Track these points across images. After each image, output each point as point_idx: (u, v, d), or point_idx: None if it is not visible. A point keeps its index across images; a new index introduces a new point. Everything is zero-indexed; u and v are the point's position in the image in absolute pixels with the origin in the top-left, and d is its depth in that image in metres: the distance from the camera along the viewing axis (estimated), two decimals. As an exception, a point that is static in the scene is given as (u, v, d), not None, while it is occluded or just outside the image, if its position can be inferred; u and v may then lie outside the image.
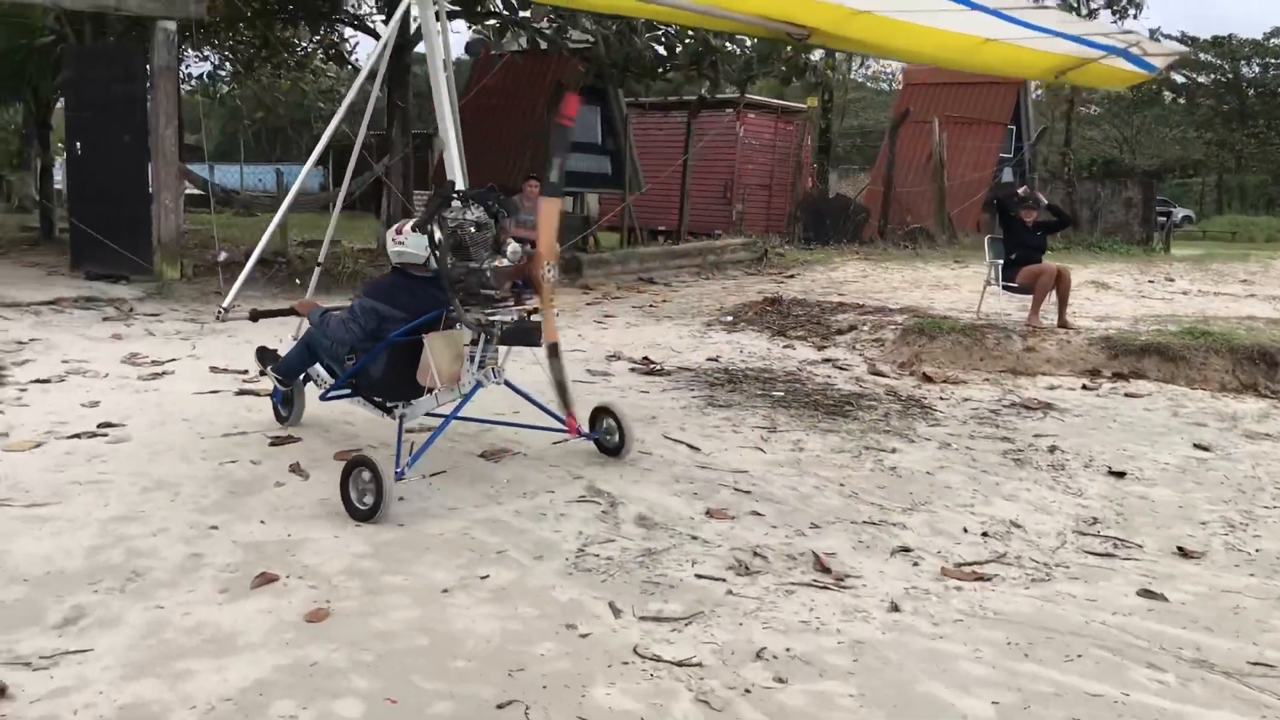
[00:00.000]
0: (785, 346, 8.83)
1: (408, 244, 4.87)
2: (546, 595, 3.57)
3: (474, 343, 4.72)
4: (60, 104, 15.49)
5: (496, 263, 4.63)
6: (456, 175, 5.40)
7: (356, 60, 20.06)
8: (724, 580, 3.77)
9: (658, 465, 5.19)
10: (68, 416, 5.75)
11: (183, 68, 22.50)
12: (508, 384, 5.04)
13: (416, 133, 20.21)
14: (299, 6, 15.99)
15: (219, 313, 5.86)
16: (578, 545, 4.05)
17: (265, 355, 5.91)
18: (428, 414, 5.04)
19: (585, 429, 5.27)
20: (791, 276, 14.24)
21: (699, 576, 3.79)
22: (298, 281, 11.52)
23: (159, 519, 4.15)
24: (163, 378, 6.94)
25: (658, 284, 13.51)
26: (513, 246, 4.75)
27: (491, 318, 4.63)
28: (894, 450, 5.68)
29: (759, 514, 4.53)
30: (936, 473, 5.30)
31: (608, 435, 5.29)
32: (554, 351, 4.84)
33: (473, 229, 4.56)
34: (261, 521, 4.18)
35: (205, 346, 8.20)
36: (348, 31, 19.14)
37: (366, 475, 4.24)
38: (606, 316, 10.59)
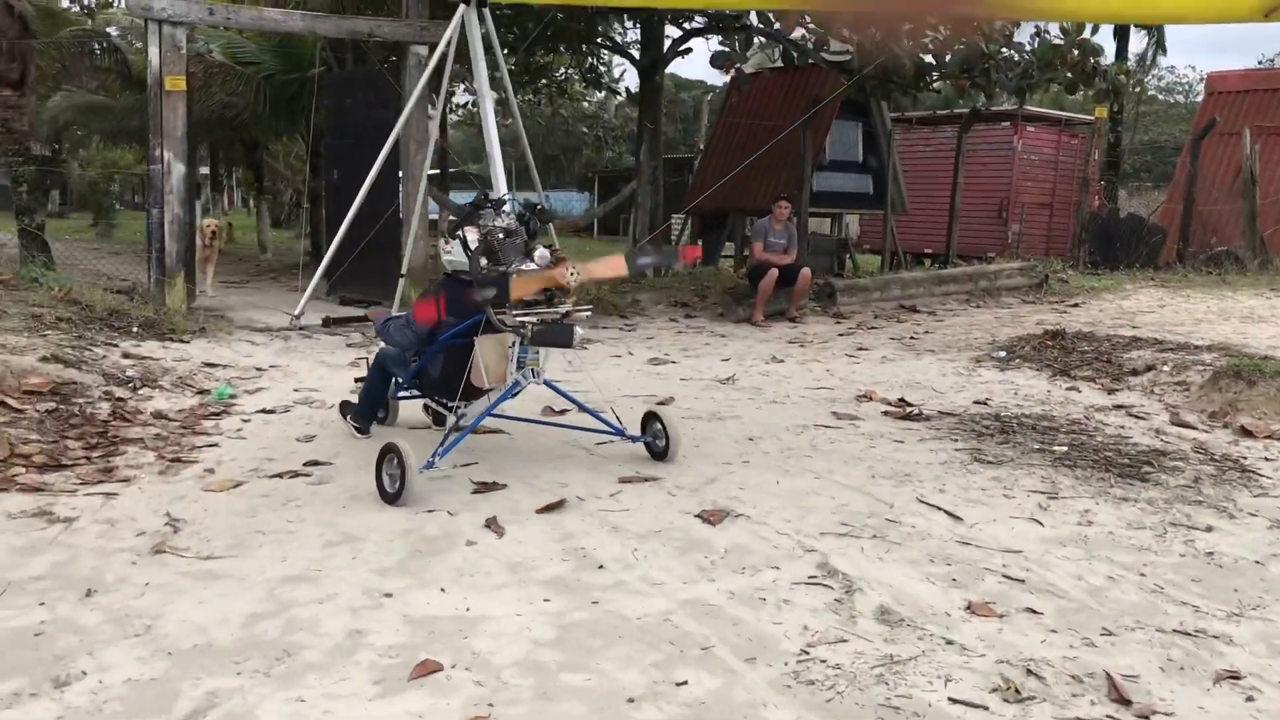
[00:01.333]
0: (1068, 389, 7.71)
1: (454, 252, 5.13)
2: (754, 717, 2.88)
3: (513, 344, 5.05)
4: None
5: (523, 267, 4.86)
6: (499, 183, 6.41)
7: (615, 84, 20.10)
8: (986, 709, 2.96)
9: (908, 538, 4.39)
10: (279, 452, 5.59)
11: (454, 98, 23.43)
12: (548, 384, 5.34)
13: (672, 157, 20.08)
14: (558, 32, 16.10)
15: (291, 320, 6.55)
16: (801, 644, 3.34)
17: (346, 407, 6.17)
18: (493, 414, 5.45)
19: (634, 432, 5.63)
20: (1075, 305, 12.84)
21: (953, 701, 3.00)
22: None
23: (332, 581, 3.77)
24: (384, 410, 6.74)
25: (921, 313, 12.50)
26: (540, 252, 4.97)
27: (521, 319, 4.83)
28: (1209, 529, 4.61)
29: (1034, 612, 3.66)
30: (1269, 562, 4.22)
31: (655, 440, 5.57)
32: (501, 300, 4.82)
33: (501, 235, 4.88)
34: (441, 590, 3.72)
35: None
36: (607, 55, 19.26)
37: (395, 461, 4.68)
38: (860, 349, 9.75)
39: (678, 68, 47.50)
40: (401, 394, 5.94)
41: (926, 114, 20.59)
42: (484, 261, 4.89)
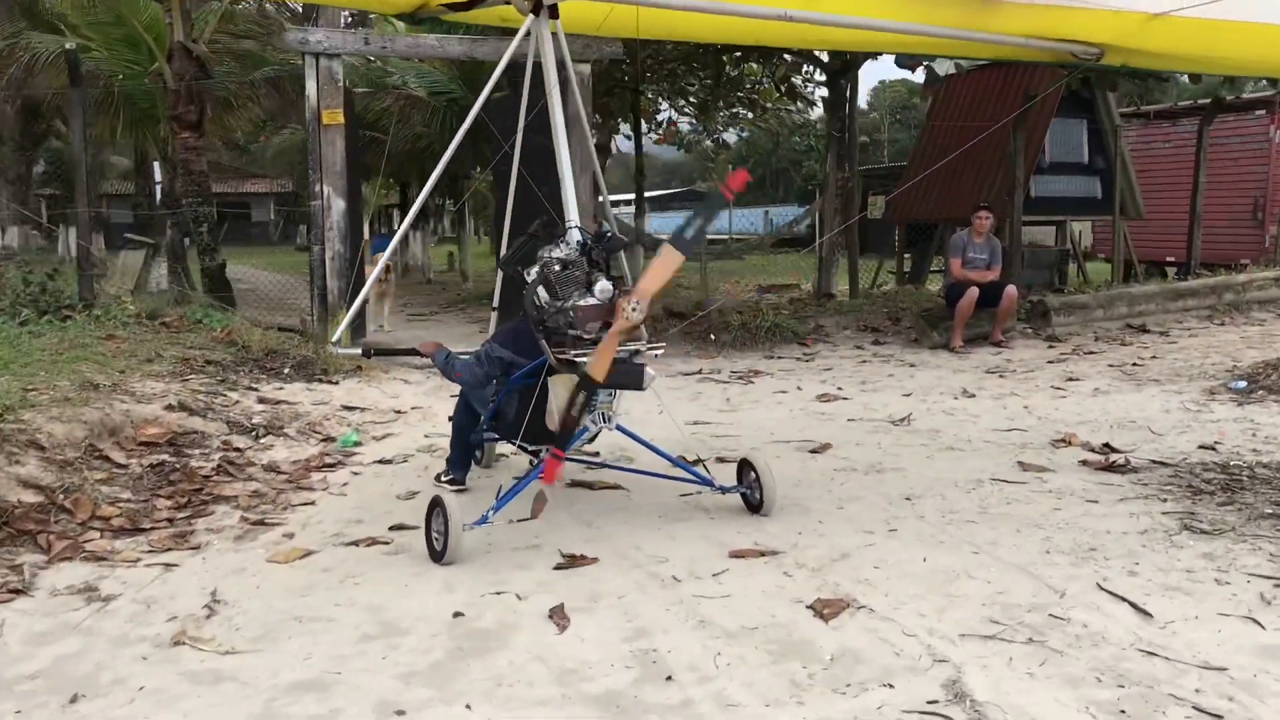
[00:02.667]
0: (1325, 429, 6.42)
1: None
2: None
3: None
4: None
5: (581, 302, 4.50)
6: (570, 209, 5.79)
7: (811, 93, 19.25)
8: None
9: (1075, 644, 3.47)
10: (373, 512, 5.19)
11: (659, 117, 23.19)
12: (620, 429, 4.93)
13: (869, 168, 19.05)
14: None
15: (329, 346, 6.24)
16: (892, 811, 2.55)
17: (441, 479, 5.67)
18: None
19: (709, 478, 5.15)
20: (1346, 320, 11.10)
21: None
22: (712, 338, 10.73)
23: (346, 690, 3.24)
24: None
25: (1151, 333, 11.07)
26: (601, 285, 4.54)
27: (580, 359, 4.46)
28: None
29: (1235, 771, 2.72)
30: None
31: (750, 491, 5.07)
32: (583, 385, 4.37)
33: (558, 266, 4.53)
34: (466, 707, 3.13)
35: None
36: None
37: (440, 516, 4.38)
38: (1069, 380, 8.60)
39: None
40: (485, 437, 5.51)
41: (1165, 107, 18.66)
42: (543, 296, 4.55)
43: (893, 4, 5.35)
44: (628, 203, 50.14)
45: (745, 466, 5.08)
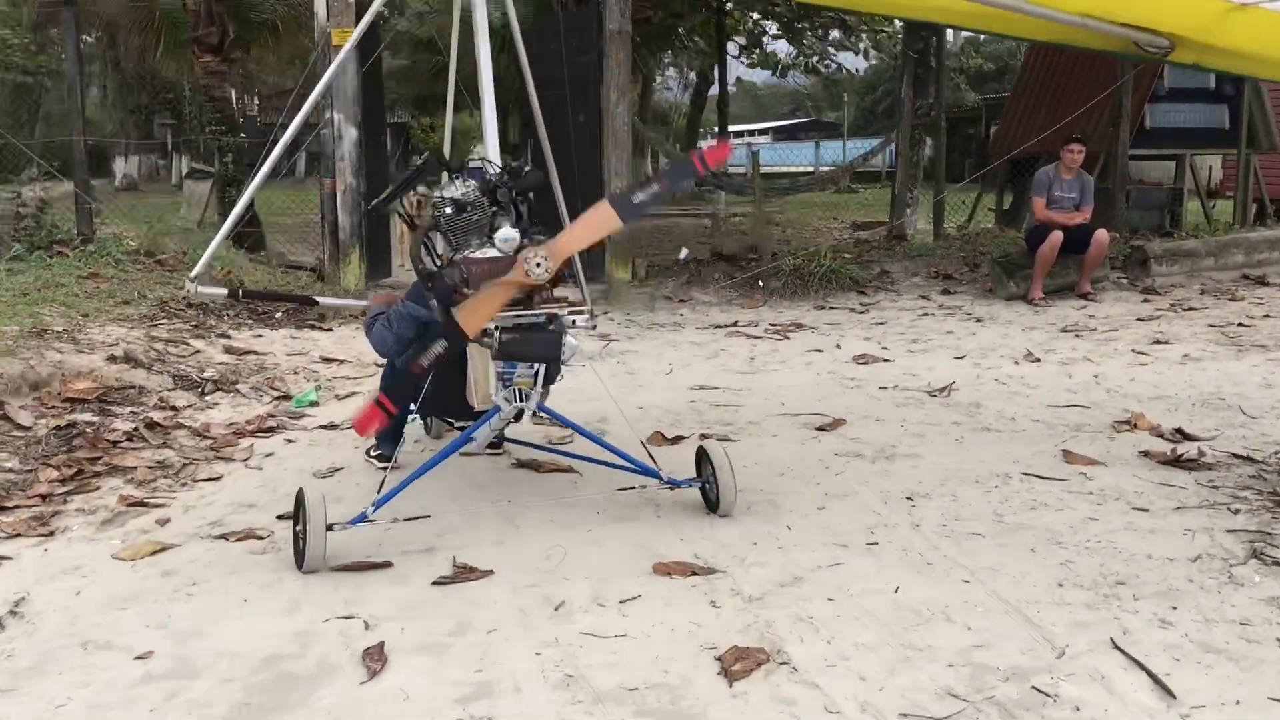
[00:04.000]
0: None
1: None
2: None
3: None
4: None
5: (477, 254, 3.70)
6: (488, 140, 4.56)
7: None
8: None
9: (1054, 740, 2.57)
10: (274, 494, 4.50)
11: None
12: (542, 409, 4.05)
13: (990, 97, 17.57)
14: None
15: (187, 285, 5.10)
16: None
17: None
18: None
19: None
20: None
21: None
22: (760, 284, 9.78)
23: (72, 761, 2.55)
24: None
25: (1273, 285, 9.73)
26: (503, 232, 3.70)
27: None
28: None
29: None
30: None
31: (707, 486, 4.18)
32: (443, 335, 3.63)
33: (449, 209, 3.74)
34: (206, 796, 2.40)
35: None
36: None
37: (300, 514, 3.67)
38: (1156, 343, 7.45)
39: None
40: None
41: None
42: (439, 245, 3.81)
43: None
44: (752, 133, 49.13)
45: (702, 457, 4.22)
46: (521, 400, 3.92)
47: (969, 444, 5.12)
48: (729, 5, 19.10)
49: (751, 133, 49.88)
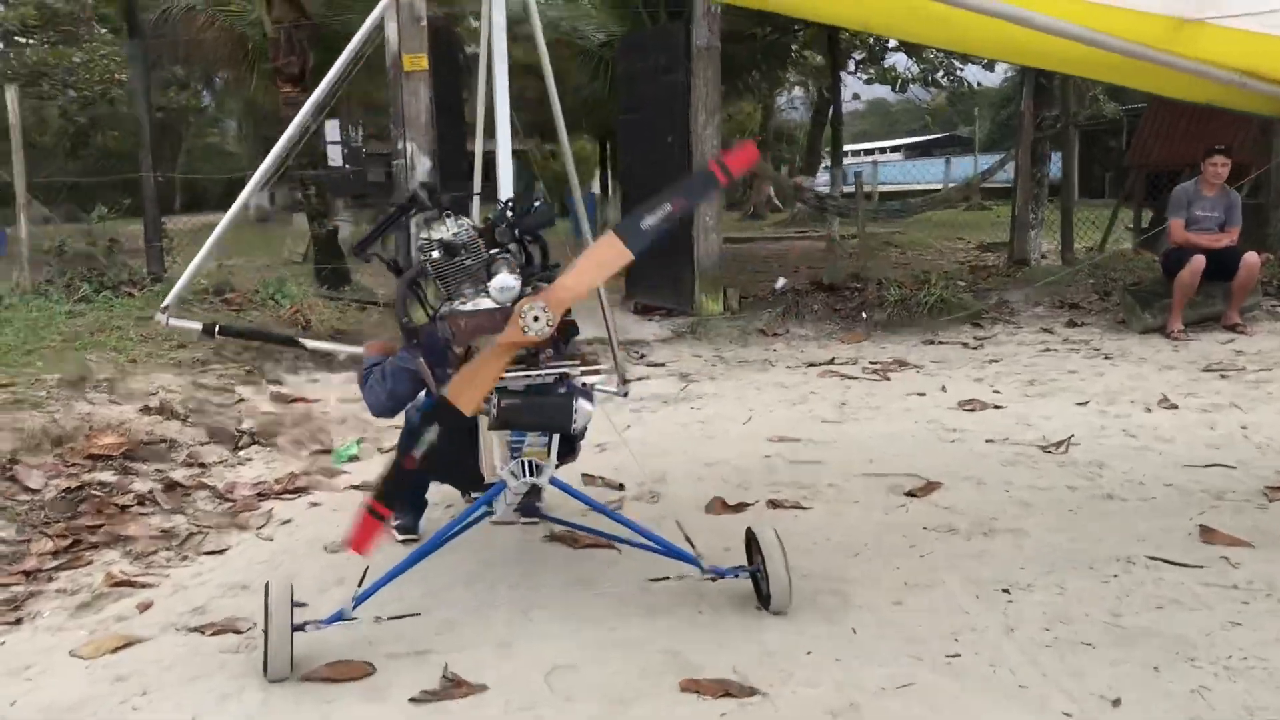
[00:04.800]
0: None
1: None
2: None
3: None
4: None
5: (466, 306, 3.16)
6: (503, 170, 4.04)
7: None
8: None
9: None
10: (259, 578, 4.02)
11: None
12: (556, 484, 3.45)
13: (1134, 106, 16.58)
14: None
15: (159, 313, 4.77)
16: None
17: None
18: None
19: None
20: None
21: None
22: (863, 315, 9.08)
23: None
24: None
25: None
26: (499, 280, 3.10)
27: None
28: None
29: None
30: None
31: (759, 576, 3.51)
32: (436, 415, 3.13)
33: (436, 253, 3.22)
34: None
35: (658, 417, 6.13)
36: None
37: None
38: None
39: None
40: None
41: None
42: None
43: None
44: (883, 150, 48.10)
45: (752, 541, 3.59)
46: (533, 474, 3.35)
47: (1085, 516, 4.36)
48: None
49: (883, 150, 48.95)
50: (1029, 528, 4.22)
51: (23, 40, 24.71)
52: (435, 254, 3.19)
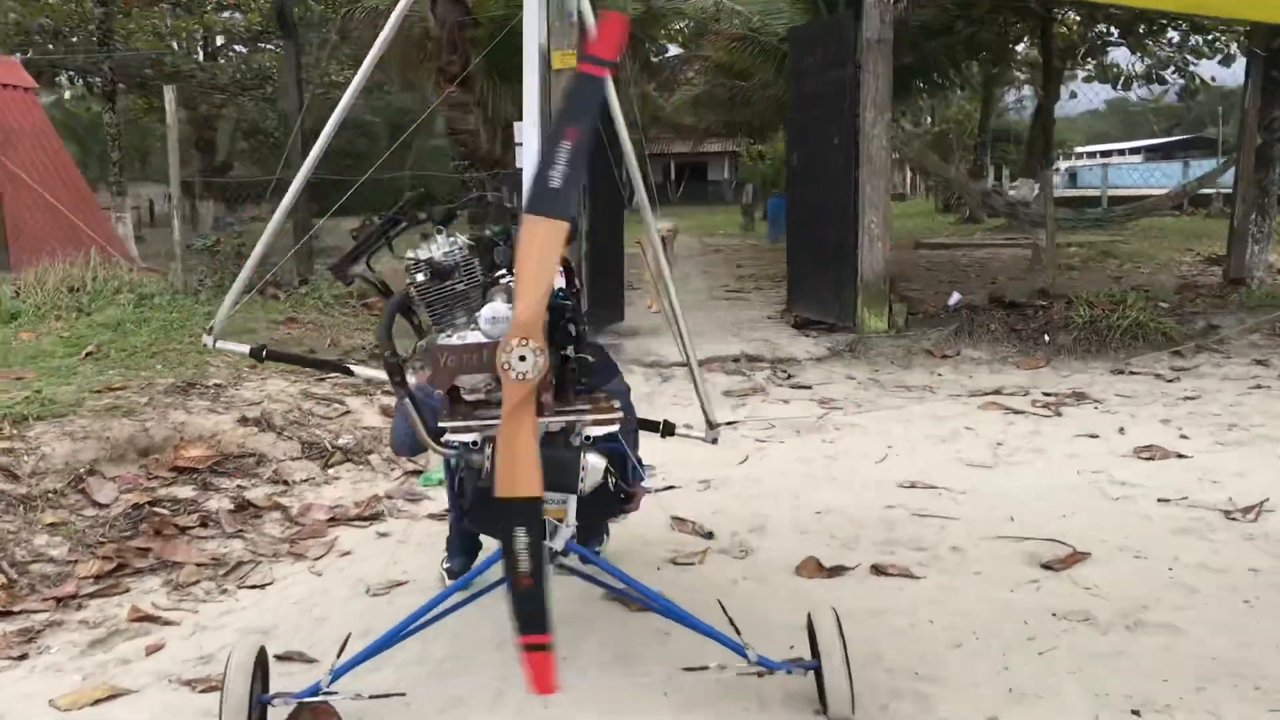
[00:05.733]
0: None
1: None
2: None
3: None
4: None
5: (451, 340, 2.67)
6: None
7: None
8: None
9: None
10: (300, 621, 3.70)
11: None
12: (573, 549, 2.86)
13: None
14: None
15: (205, 334, 4.08)
16: None
17: None
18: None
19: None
20: None
21: None
22: (1045, 338, 8.18)
23: None
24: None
25: None
26: (490, 309, 2.61)
27: (463, 436, 2.67)
28: None
29: None
30: None
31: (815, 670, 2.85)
32: (512, 516, 2.46)
33: (421, 276, 2.72)
34: None
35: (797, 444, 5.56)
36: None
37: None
38: None
39: None
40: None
41: None
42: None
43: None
44: (1121, 152, 45.46)
45: (811, 628, 2.99)
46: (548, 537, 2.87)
47: (1264, 613, 3.54)
48: (1055, 10, 17.03)
49: (1120, 151, 46.40)
50: (1187, 623, 3.44)
51: (245, 48, 25.91)
52: (420, 276, 2.74)
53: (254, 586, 4.06)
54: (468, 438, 2.68)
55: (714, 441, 3.95)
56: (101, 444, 5.11)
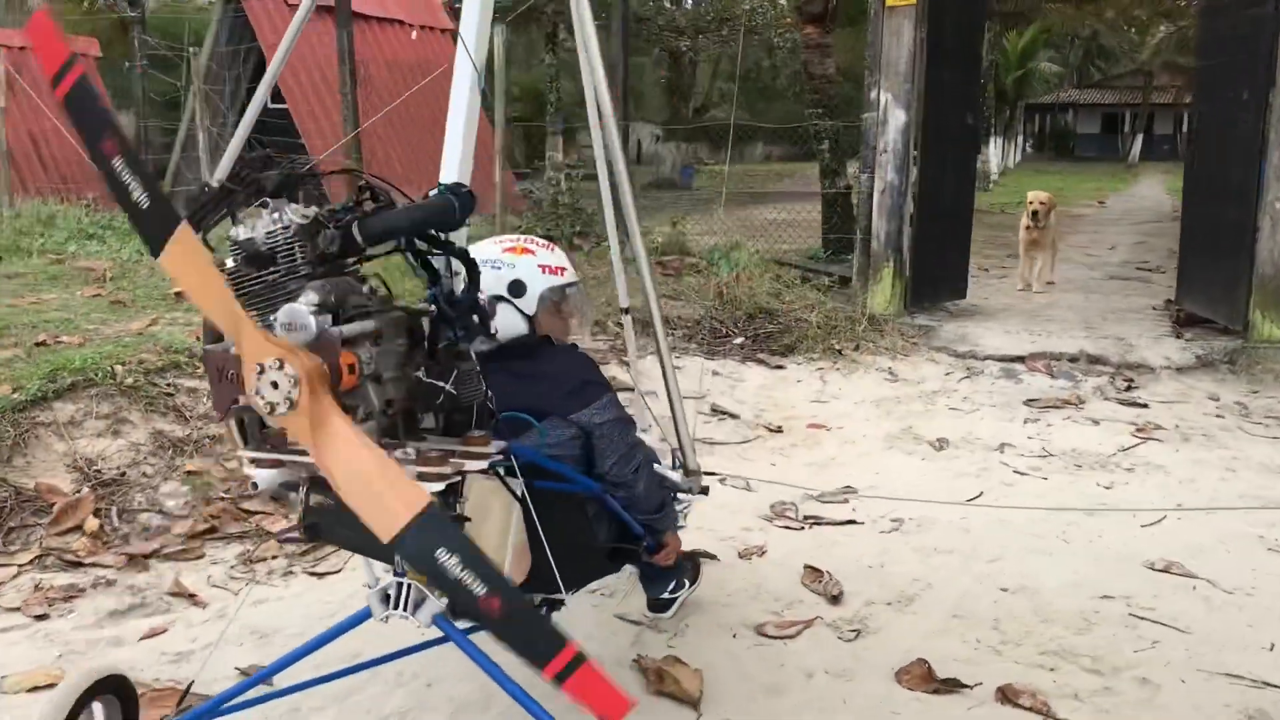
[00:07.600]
0: None
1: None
2: None
3: None
4: None
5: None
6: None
7: None
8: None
9: None
10: (294, 626, 3.37)
11: None
12: (446, 628, 2.27)
13: None
14: None
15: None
16: None
17: None
18: None
19: None
20: None
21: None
22: None
23: None
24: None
25: None
26: (286, 313, 1.93)
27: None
28: None
29: None
30: None
31: None
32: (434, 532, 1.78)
33: (230, 261, 2.09)
34: None
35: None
36: None
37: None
38: None
39: None
40: None
41: None
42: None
43: None
44: None
45: None
46: (405, 608, 2.27)
47: None
48: None
49: None
50: None
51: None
52: (229, 262, 2.14)
53: (318, 574, 3.79)
54: (281, 478, 2.12)
55: (704, 492, 3.20)
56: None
